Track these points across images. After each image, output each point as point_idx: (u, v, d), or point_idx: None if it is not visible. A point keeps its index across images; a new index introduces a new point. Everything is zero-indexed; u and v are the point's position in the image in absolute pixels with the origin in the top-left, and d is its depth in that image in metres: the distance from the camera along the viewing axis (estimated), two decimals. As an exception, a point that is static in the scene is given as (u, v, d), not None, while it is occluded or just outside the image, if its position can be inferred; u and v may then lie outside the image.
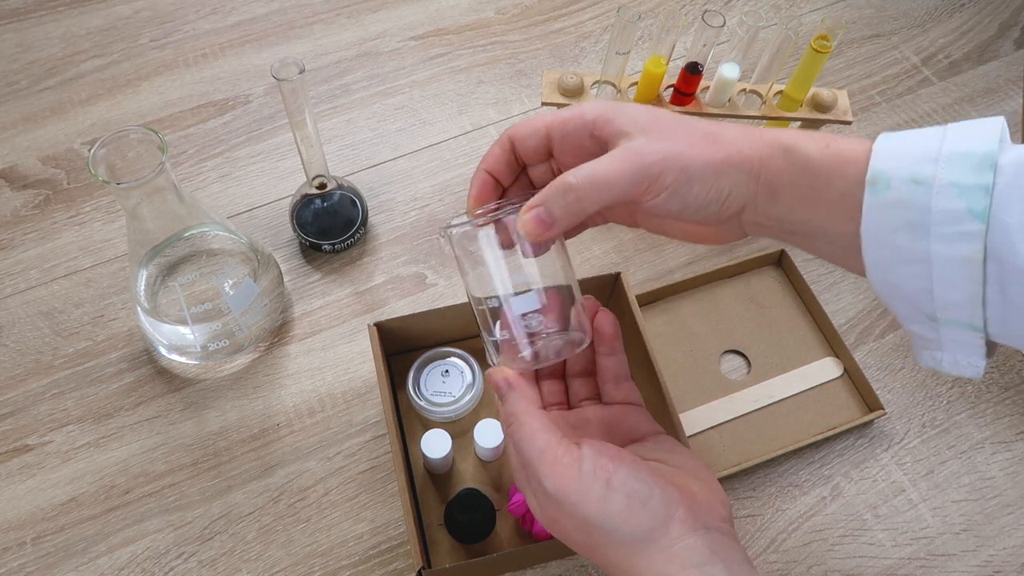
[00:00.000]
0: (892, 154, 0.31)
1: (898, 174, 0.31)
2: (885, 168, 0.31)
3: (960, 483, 0.59)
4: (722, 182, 0.35)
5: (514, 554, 0.51)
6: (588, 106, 0.37)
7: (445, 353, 0.60)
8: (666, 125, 0.35)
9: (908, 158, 0.31)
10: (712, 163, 0.34)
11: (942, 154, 0.30)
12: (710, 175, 0.34)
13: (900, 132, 0.33)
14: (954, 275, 0.30)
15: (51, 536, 0.56)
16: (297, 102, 0.55)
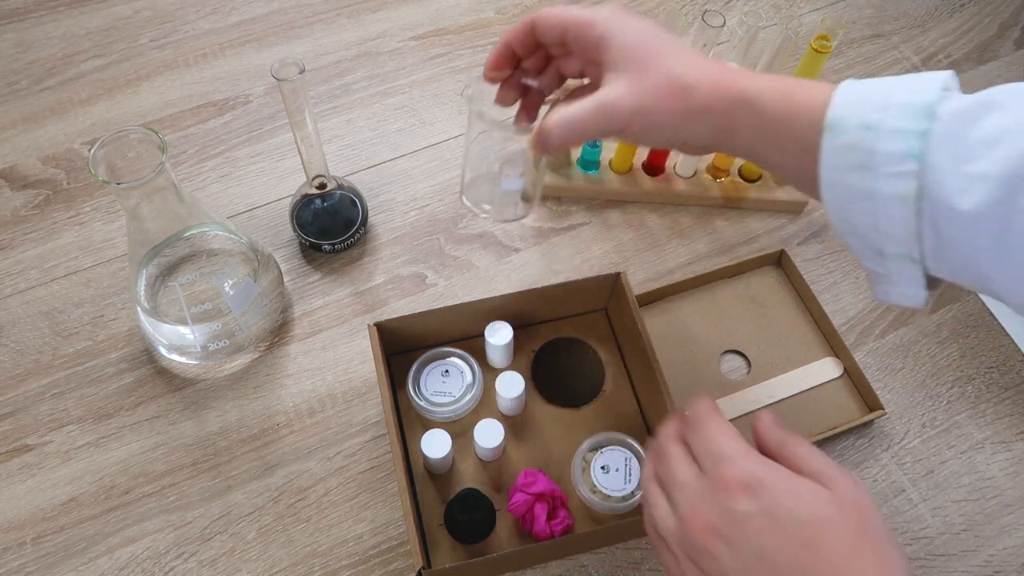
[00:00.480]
0: (848, 102, 0.35)
1: (852, 120, 0.35)
2: (842, 115, 0.35)
3: (960, 483, 0.59)
4: (684, 131, 0.40)
5: (514, 554, 0.51)
6: (600, 17, 0.41)
7: (445, 353, 0.60)
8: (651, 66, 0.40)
9: (862, 106, 0.35)
10: (676, 115, 0.39)
11: (890, 103, 0.34)
12: (673, 125, 0.40)
13: (861, 81, 0.36)
14: (894, 211, 0.34)
15: (51, 536, 0.56)
16: (297, 102, 0.55)
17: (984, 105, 0.33)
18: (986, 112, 0.33)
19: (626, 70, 0.40)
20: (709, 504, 0.37)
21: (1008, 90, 0.34)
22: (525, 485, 0.53)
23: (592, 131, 0.41)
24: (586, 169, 0.72)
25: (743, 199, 0.72)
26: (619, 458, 0.56)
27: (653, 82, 0.39)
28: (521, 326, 0.61)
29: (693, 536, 0.36)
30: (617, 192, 0.72)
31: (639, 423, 0.59)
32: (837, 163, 0.35)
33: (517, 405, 0.58)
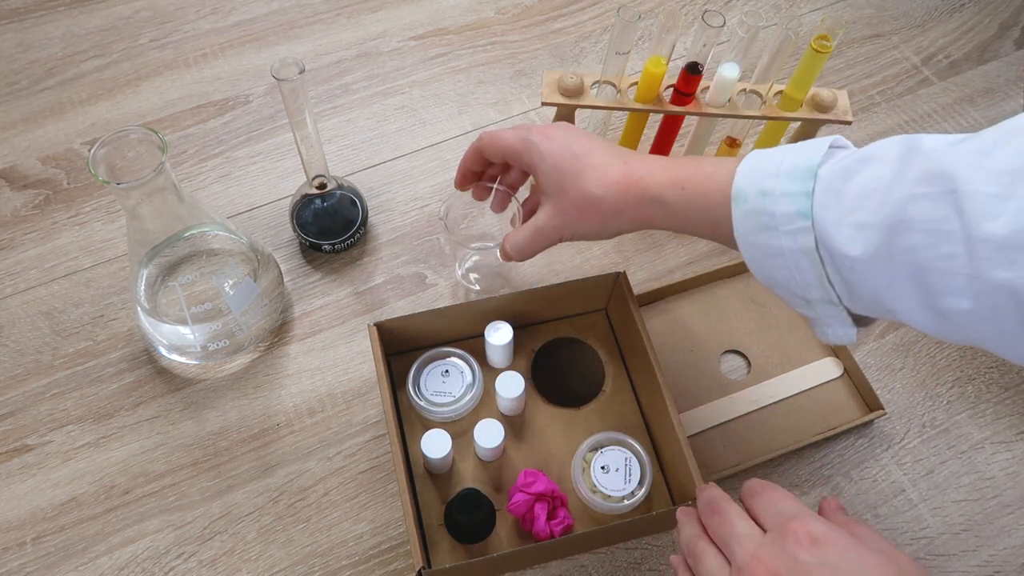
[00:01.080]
0: (748, 173, 0.41)
1: (751, 189, 0.40)
2: (743, 185, 0.41)
3: (960, 483, 0.59)
4: (608, 230, 0.48)
5: (514, 554, 0.51)
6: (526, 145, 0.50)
7: (445, 353, 0.60)
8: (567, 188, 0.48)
9: (759, 175, 0.40)
10: (595, 223, 0.48)
11: (781, 170, 0.40)
12: (597, 230, 0.49)
13: (763, 152, 0.42)
14: (801, 262, 0.39)
15: (51, 536, 0.56)
16: (297, 102, 0.55)
17: (862, 161, 0.38)
18: (862, 167, 0.37)
19: (550, 195, 0.49)
20: (773, 553, 0.37)
21: (884, 144, 0.38)
22: (525, 485, 0.53)
23: (538, 248, 0.51)
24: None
25: (743, 199, 0.72)
26: (619, 458, 0.56)
27: (570, 201, 0.48)
28: (521, 326, 0.61)
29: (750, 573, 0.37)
30: (617, 192, 0.72)
31: (639, 423, 0.59)
32: (746, 227, 0.41)
33: (517, 405, 0.58)
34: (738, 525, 0.40)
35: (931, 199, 0.35)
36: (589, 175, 0.47)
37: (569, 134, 0.49)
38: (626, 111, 0.65)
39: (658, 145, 0.70)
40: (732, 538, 0.39)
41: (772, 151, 0.42)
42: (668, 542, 0.56)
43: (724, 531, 0.40)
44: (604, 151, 0.48)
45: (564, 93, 0.63)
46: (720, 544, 0.40)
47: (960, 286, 0.34)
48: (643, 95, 0.63)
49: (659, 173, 0.46)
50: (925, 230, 0.35)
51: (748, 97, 0.64)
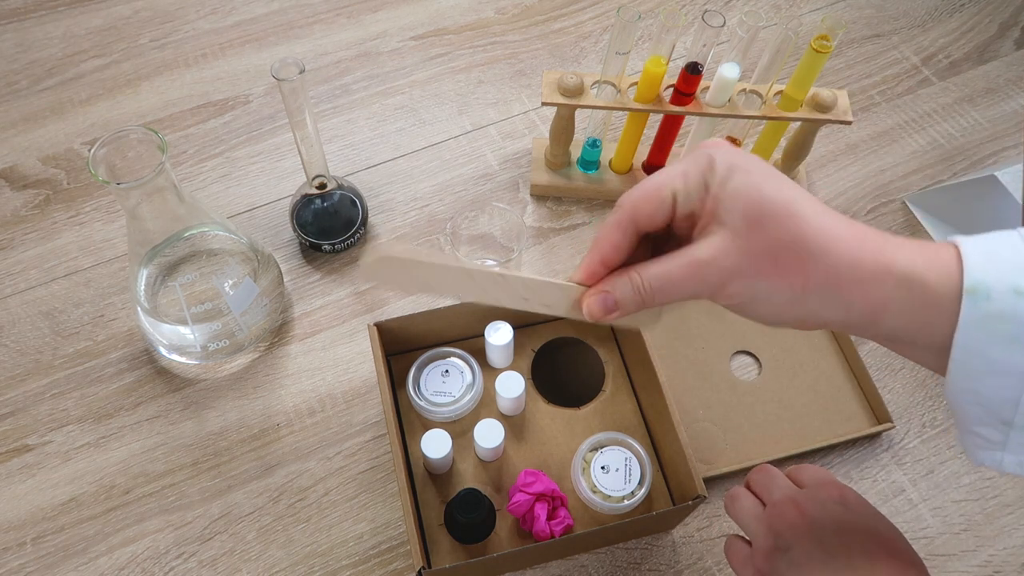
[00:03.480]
0: (987, 261, 0.30)
1: (999, 284, 0.30)
2: (984, 278, 0.30)
3: (960, 483, 0.59)
4: (798, 308, 0.33)
5: (514, 554, 0.51)
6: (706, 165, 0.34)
7: (445, 353, 0.60)
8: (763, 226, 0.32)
9: (1007, 265, 0.30)
10: (789, 290, 0.32)
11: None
12: (783, 300, 0.33)
13: (976, 237, 0.31)
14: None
15: (51, 536, 0.56)
16: (297, 102, 0.55)
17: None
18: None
19: (728, 224, 0.33)
20: (807, 497, 0.42)
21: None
22: (525, 485, 0.53)
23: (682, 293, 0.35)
24: (586, 169, 0.72)
25: (743, 199, 0.72)
26: (619, 458, 0.56)
27: (765, 242, 0.32)
28: (521, 326, 0.61)
29: (785, 513, 0.42)
30: (617, 192, 0.72)
31: (639, 423, 0.59)
32: (980, 334, 0.30)
33: (517, 405, 0.58)
34: (780, 478, 0.45)
35: None
36: (805, 211, 0.32)
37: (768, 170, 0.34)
38: (626, 111, 0.65)
39: (658, 145, 0.70)
40: (773, 485, 0.45)
41: (998, 235, 0.31)
42: (668, 542, 0.56)
43: (767, 480, 0.45)
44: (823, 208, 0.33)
45: (564, 93, 0.63)
46: (760, 491, 0.45)
47: None
48: (643, 95, 0.63)
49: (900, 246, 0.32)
50: None
51: (748, 97, 0.65)
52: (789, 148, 0.69)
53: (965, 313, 0.30)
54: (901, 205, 0.73)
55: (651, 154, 0.72)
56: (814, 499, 0.42)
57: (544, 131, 0.77)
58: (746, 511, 0.45)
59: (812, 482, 0.45)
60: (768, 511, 0.43)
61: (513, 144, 0.76)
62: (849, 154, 0.77)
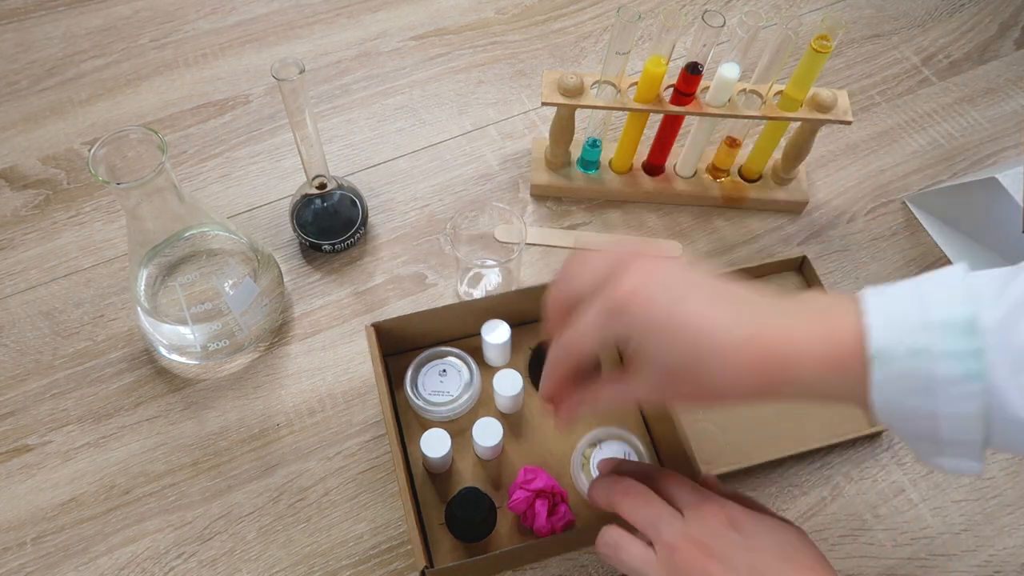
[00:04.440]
0: (887, 325, 0.34)
1: (898, 347, 0.34)
2: (885, 343, 0.34)
3: (960, 483, 0.59)
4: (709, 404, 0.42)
5: (516, 551, 0.51)
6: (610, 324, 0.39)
7: (442, 352, 0.60)
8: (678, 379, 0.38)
9: (902, 328, 0.34)
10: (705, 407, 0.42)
11: (932, 322, 0.34)
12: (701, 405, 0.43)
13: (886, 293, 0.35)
14: (960, 426, 0.34)
15: (51, 536, 0.56)
16: (297, 102, 0.55)
17: (1019, 308, 0.33)
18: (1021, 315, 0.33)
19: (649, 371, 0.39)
20: (701, 531, 0.40)
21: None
22: (525, 482, 0.53)
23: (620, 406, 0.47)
24: (586, 169, 0.72)
25: (743, 199, 0.72)
26: (618, 452, 0.56)
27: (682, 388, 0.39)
28: (517, 324, 0.61)
29: (689, 557, 0.40)
30: (617, 192, 0.72)
31: (637, 417, 0.59)
32: (892, 392, 0.34)
33: (515, 403, 0.58)
34: (658, 504, 0.43)
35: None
36: (709, 364, 0.37)
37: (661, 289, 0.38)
38: (626, 111, 0.65)
39: (658, 145, 0.70)
40: (655, 518, 0.42)
41: (886, 291, 0.36)
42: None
43: (645, 512, 0.43)
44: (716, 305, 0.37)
45: (564, 93, 0.63)
46: (642, 527, 0.42)
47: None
48: (643, 95, 0.63)
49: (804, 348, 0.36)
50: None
51: (748, 97, 0.65)
52: (789, 148, 0.69)
53: (873, 376, 0.34)
54: (901, 205, 0.73)
55: (651, 154, 0.72)
56: (709, 531, 0.40)
57: (544, 131, 0.77)
58: (637, 560, 0.41)
59: (685, 500, 0.43)
60: (664, 558, 0.40)
61: (513, 144, 0.76)
62: (849, 154, 0.77)
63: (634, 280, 0.38)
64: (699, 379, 0.37)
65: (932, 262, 0.70)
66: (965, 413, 0.33)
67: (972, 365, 0.33)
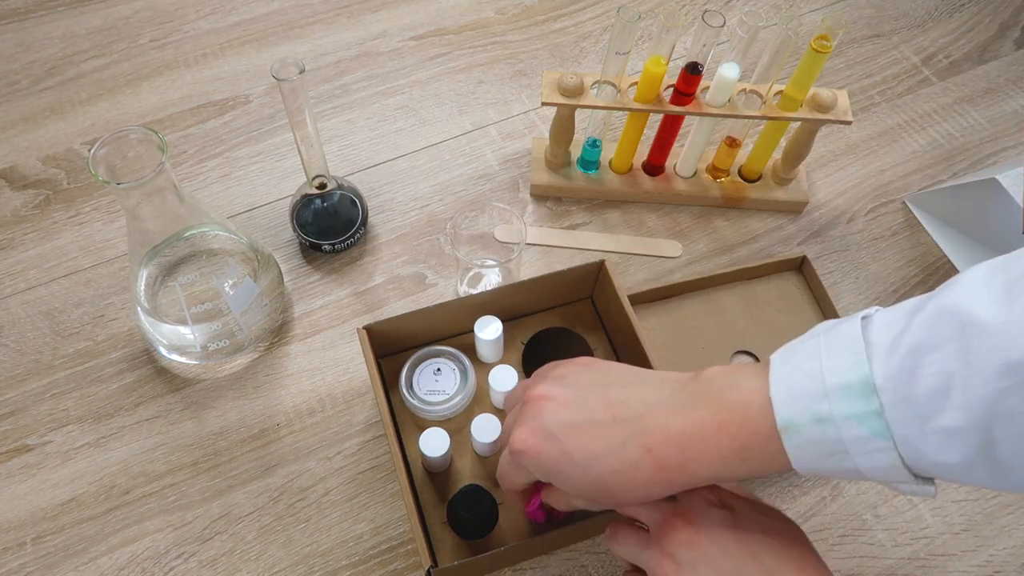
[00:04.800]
0: (787, 401, 0.35)
1: (801, 419, 0.35)
2: (788, 416, 0.35)
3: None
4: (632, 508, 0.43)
5: (521, 546, 0.51)
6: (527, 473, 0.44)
7: (436, 352, 0.60)
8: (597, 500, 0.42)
9: (801, 398, 0.35)
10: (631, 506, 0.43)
11: (828, 389, 0.34)
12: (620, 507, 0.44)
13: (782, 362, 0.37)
14: (883, 475, 0.35)
15: (51, 536, 0.56)
16: (297, 102, 0.55)
17: (914, 354, 0.33)
18: (919, 361, 0.33)
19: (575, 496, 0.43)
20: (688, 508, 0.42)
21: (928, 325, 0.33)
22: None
23: None
24: (586, 169, 0.72)
25: (743, 199, 0.72)
26: None
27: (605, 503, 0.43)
28: (509, 319, 0.61)
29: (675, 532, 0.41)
30: (617, 192, 0.72)
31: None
32: (808, 457, 0.35)
33: (514, 401, 0.58)
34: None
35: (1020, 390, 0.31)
36: (613, 487, 0.40)
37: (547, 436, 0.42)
38: (626, 111, 0.65)
39: (658, 145, 0.70)
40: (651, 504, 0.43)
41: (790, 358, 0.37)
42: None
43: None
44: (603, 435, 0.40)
45: (564, 93, 0.63)
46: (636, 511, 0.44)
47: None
48: (643, 95, 0.63)
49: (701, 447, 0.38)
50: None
51: (748, 97, 0.65)
52: (789, 148, 0.69)
53: (787, 446, 0.35)
54: (901, 205, 0.73)
55: (651, 154, 0.72)
56: (697, 508, 0.41)
57: (544, 131, 0.77)
58: (631, 540, 0.43)
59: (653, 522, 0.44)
60: (655, 532, 0.42)
61: (513, 144, 0.76)
62: (849, 154, 0.77)
63: (524, 433, 0.42)
64: (615, 498, 0.41)
65: (932, 262, 0.70)
66: (883, 466, 0.34)
67: (875, 424, 0.33)
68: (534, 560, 0.55)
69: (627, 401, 0.41)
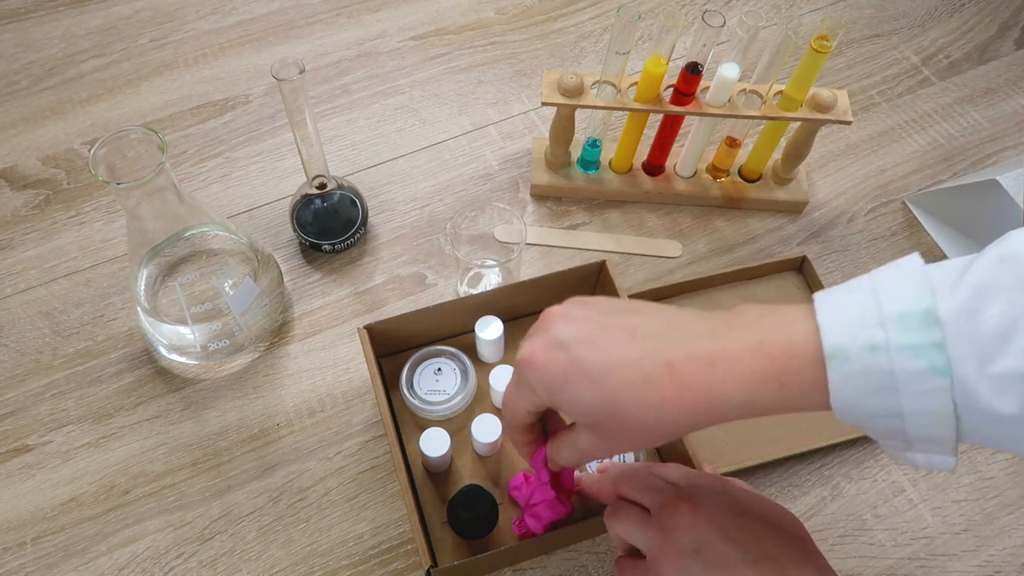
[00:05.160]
0: (839, 323, 0.32)
1: (852, 344, 0.32)
2: (838, 340, 0.32)
3: (960, 483, 0.59)
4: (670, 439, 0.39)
5: (521, 546, 0.51)
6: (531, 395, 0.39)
7: (437, 351, 0.60)
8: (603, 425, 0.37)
9: (856, 325, 0.32)
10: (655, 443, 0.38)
11: (886, 316, 0.32)
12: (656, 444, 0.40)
13: (834, 294, 0.34)
14: (927, 422, 0.32)
15: (51, 536, 0.56)
16: (297, 102, 0.55)
17: (978, 295, 0.31)
18: (984, 303, 0.31)
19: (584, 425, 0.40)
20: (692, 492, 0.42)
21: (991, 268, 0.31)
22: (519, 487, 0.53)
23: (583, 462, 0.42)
24: (586, 169, 0.72)
25: (743, 199, 0.72)
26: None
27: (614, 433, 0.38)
28: (509, 319, 0.61)
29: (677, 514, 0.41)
30: (617, 192, 0.72)
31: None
32: (852, 393, 0.32)
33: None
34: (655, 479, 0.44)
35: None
36: (624, 405, 0.36)
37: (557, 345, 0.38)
38: (626, 111, 0.65)
39: (658, 145, 0.70)
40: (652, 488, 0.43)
41: (836, 293, 0.34)
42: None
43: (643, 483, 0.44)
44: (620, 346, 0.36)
45: (564, 93, 0.63)
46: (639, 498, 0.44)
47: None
48: (643, 95, 0.63)
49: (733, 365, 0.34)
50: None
51: (748, 97, 0.65)
52: (789, 148, 0.69)
53: (831, 377, 0.32)
54: (901, 205, 0.73)
55: (651, 154, 0.72)
56: (701, 493, 0.41)
57: (544, 131, 0.77)
58: (632, 521, 0.42)
59: (684, 476, 0.44)
60: (657, 514, 0.41)
61: (513, 144, 0.76)
62: (849, 154, 0.77)
63: (531, 344, 0.39)
64: (623, 424, 0.36)
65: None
66: (932, 410, 0.32)
67: (935, 358, 0.31)
68: (534, 560, 0.55)
69: (650, 322, 0.37)
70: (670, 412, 0.35)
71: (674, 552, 0.39)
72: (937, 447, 0.33)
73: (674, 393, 0.35)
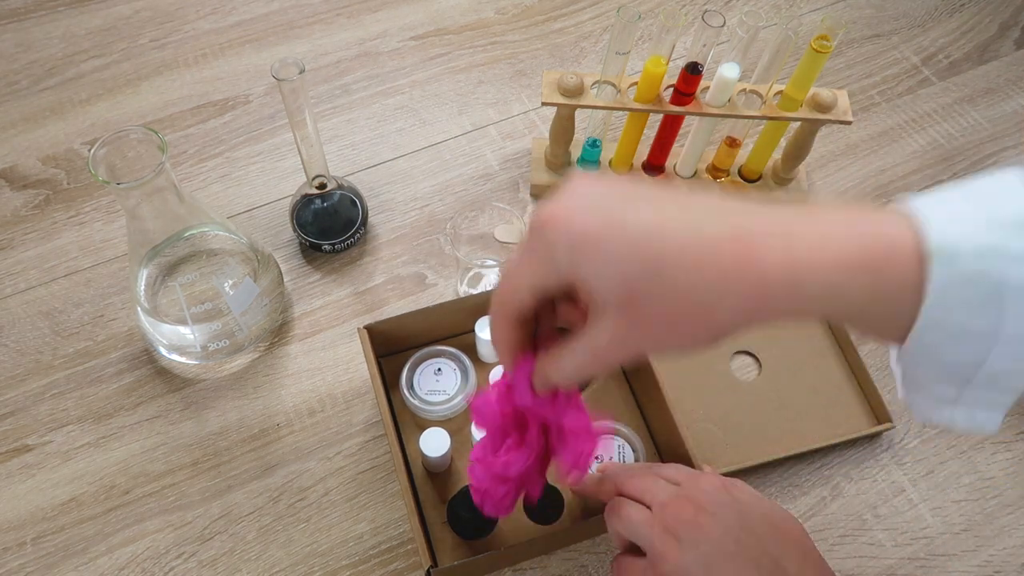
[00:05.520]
0: (948, 220, 0.27)
1: (963, 244, 0.27)
2: (947, 240, 0.27)
3: (960, 483, 0.59)
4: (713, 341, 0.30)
5: (521, 546, 0.51)
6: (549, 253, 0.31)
7: (437, 351, 0.60)
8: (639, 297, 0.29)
9: (968, 224, 0.27)
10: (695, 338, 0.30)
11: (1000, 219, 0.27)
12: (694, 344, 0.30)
13: (938, 196, 0.28)
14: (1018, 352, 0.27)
15: (51, 536, 0.56)
16: (297, 102, 0.55)
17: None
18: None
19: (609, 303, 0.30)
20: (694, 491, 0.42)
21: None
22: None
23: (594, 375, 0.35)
24: (586, 169, 0.72)
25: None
26: (612, 446, 0.56)
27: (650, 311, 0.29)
28: None
29: (679, 511, 0.41)
30: (617, 192, 0.72)
31: (633, 410, 0.59)
32: (948, 300, 0.27)
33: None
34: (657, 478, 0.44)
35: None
36: (673, 273, 0.28)
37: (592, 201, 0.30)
38: (626, 111, 0.65)
39: (658, 145, 0.70)
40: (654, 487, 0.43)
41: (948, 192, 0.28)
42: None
43: (645, 482, 0.44)
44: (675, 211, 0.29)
45: (564, 93, 0.63)
46: (640, 496, 0.43)
47: None
48: (643, 95, 0.63)
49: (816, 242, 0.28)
50: None
51: (748, 97, 0.65)
52: (789, 148, 0.69)
53: (933, 278, 0.27)
54: (901, 205, 0.73)
55: (651, 154, 0.72)
56: (702, 492, 0.41)
57: (544, 131, 0.77)
58: (634, 518, 0.42)
59: (685, 476, 0.44)
60: (658, 512, 0.41)
61: (513, 144, 0.76)
62: (849, 154, 0.77)
63: (559, 200, 0.30)
64: (666, 302, 0.28)
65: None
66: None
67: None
68: (534, 560, 0.55)
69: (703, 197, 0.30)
70: (733, 288, 0.28)
71: (675, 550, 0.39)
72: (994, 398, 0.29)
73: (742, 264, 0.28)
